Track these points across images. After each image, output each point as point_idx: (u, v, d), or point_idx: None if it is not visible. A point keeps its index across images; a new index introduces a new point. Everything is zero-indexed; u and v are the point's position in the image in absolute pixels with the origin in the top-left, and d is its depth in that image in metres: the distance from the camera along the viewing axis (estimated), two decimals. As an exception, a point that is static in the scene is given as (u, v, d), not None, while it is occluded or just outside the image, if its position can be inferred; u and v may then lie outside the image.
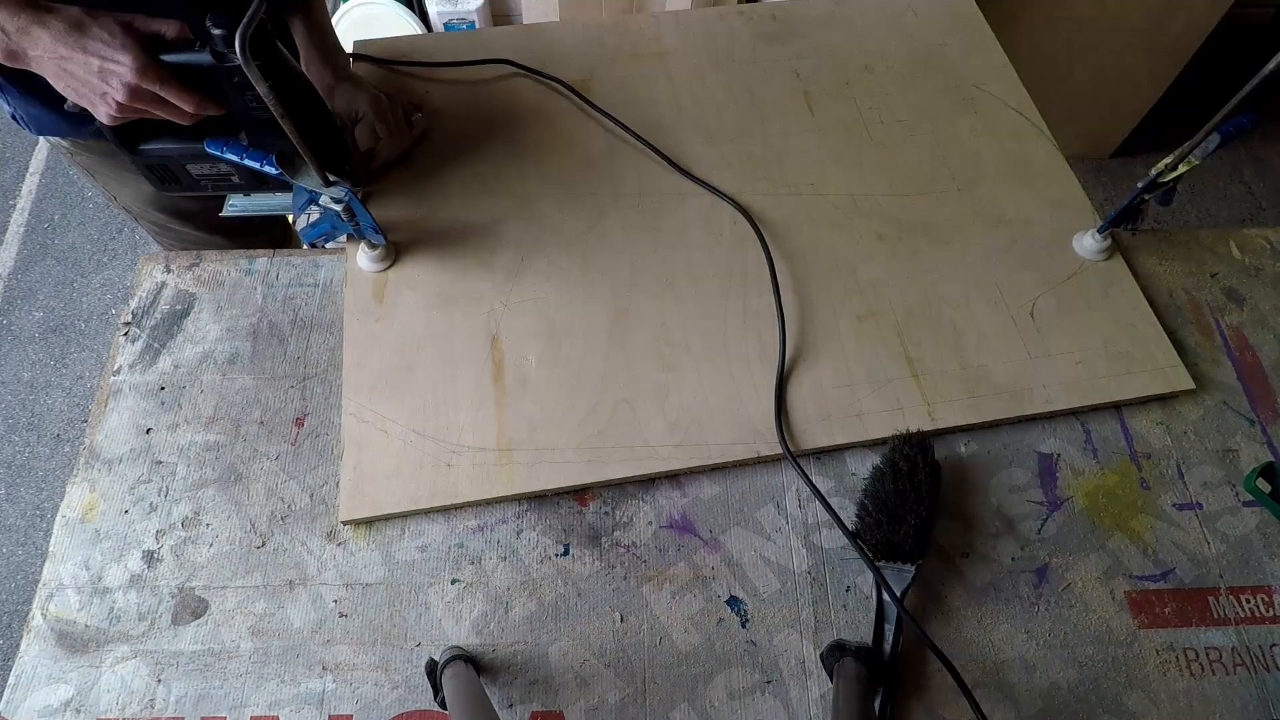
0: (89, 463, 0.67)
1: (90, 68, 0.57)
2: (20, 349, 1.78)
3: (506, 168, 0.83)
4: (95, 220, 1.98)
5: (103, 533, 0.65)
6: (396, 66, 0.91)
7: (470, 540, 0.65)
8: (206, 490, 0.66)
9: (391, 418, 0.68)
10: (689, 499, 0.67)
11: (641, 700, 0.60)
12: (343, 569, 0.64)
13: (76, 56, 0.57)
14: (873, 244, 0.79)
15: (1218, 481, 0.69)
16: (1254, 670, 0.62)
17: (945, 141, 0.87)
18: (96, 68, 0.57)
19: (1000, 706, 0.60)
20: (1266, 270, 0.82)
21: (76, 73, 0.57)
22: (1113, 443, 0.71)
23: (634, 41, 0.94)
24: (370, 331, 0.72)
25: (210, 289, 0.77)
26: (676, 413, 0.69)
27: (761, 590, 0.64)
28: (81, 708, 0.58)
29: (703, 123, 0.87)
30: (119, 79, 0.57)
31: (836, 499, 0.67)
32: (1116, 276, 0.78)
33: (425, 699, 0.59)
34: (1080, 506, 0.68)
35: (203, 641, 0.61)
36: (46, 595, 0.62)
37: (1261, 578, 0.65)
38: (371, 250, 0.74)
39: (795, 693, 0.60)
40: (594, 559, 0.64)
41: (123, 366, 0.72)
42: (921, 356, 0.72)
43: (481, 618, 0.62)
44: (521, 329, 0.73)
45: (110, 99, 0.58)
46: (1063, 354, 0.73)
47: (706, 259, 0.78)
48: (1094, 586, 0.64)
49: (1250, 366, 0.75)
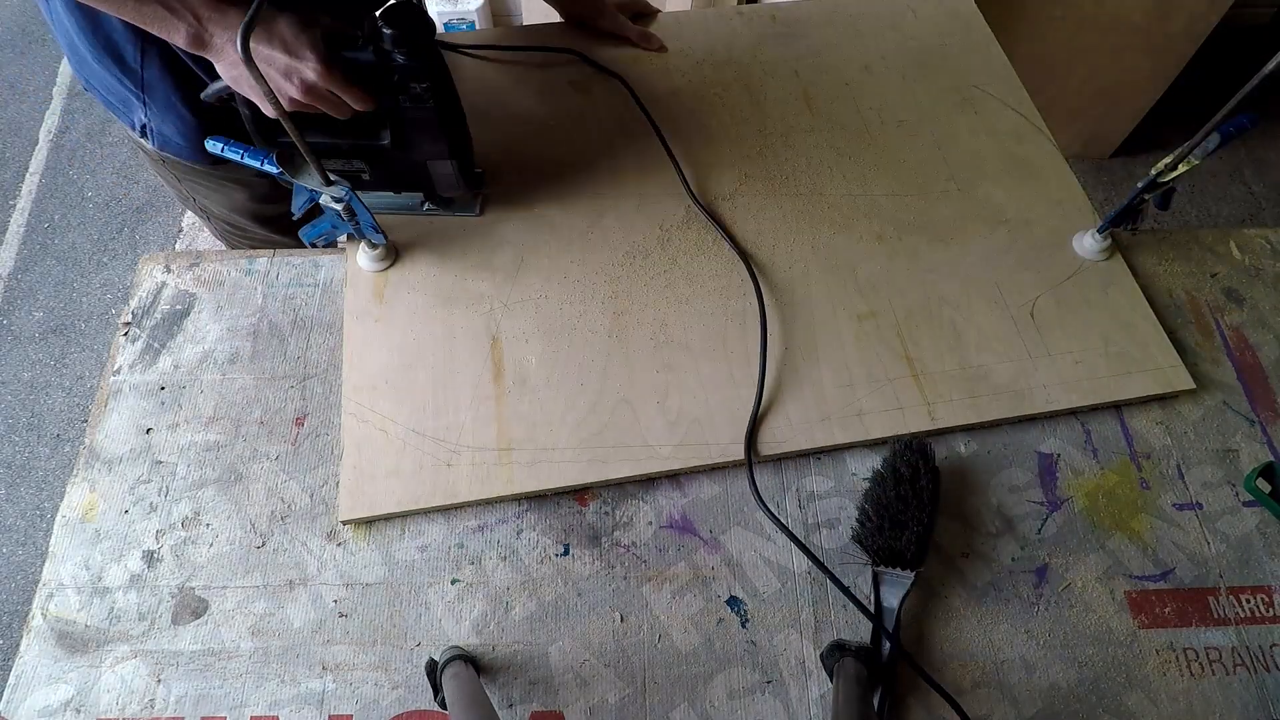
0: (89, 463, 0.67)
1: (275, 62, 0.58)
2: (20, 349, 1.78)
3: (507, 167, 0.83)
4: (95, 220, 1.98)
5: (103, 533, 0.65)
6: (463, 50, 0.92)
7: (470, 540, 0.65)
8: (206, 490, 0.66)
9: (391, 418, 0.68)
10: (689, 499, 0.67)
11: (641, 700, 0.60)
12: (343, 569, 0.64)
13: (261, 49, 0.58)
14: (873, 244, 0.79)
15: (1218, 481, 0.69)
16: (1254, 670, 0.62)
17: (945, 141, 0.87)
18: (283, 64, 0.58)
19: (1000, 706, 0.60)
20: (1266, 270, 0.82)
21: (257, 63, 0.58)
22: (1113, 443, 0.71)
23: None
24: (370, 331, 0.72)
25: (210, 289, 0.77)
26: (676, 413, 0.68)
27: (761, 590, 0.64)
28: (81, 708, 0.58)
29: (703, 123, 0.87)
30: (300, 76, 0.59)
31: (836, 499, 0.67)
32: (1116, 276, 0.78)
33: (425, 699, 0.59)
34: (1080, 506, 0.68)
35: (203, 641, 0.61)
36: (46, 595, 0.62)
37: (1261, 578, 0.65)
38: (371, 250, 0.74)
39: (795, 693, 0.60)
40: (594, 559, 0.64)
41: (123, 366, 0.72)
42: (921, 356, 0.72)
43: (481, 618, 0.62)
44: (521, 329, 0.73)
45: (286, 94, 0.60)
46: (1063, 354, 0.73)
47: (706, 259, 0.78)
48: (1094, 586, 0.64)
49: (1250, 366, 0.75)
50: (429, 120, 0.66)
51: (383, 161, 0.71)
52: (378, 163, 0.71)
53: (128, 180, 2.05)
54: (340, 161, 0.70)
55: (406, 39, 0.60)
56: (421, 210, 0.80)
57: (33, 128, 2.13)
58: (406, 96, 0.64)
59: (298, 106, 0.61)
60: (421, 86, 0.63)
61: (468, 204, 0.80)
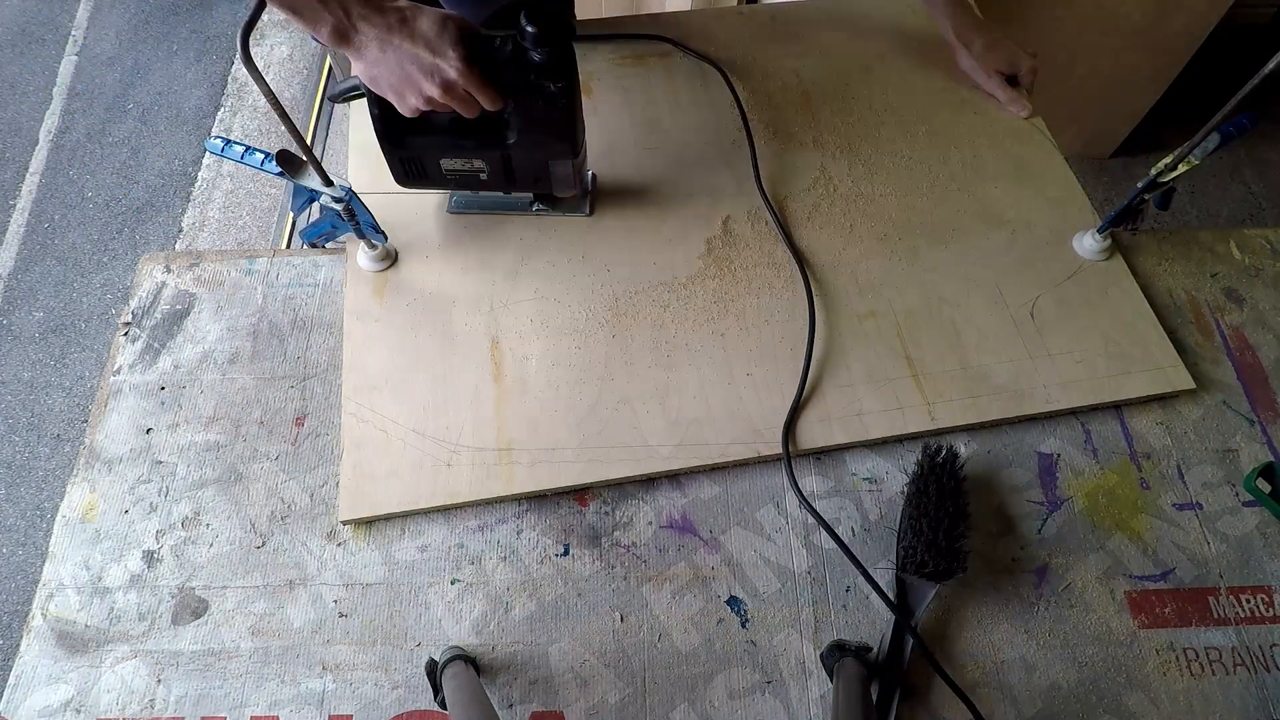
0: (89, 463, 0.67)
1: (418, 59, 0.58)
2: (20, 349, 1.78)
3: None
4: (95, 220, 1.98)
5: (103, 533, 0.65)
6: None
7: (470, 540, 0.65)
8: (206, 490, 0.66)
9: (391, 418, 0.68)
10: (689, 499, 0.67)
11: (641, 700, 0.60)
12: (343, 569, 0.64)
13: (405, 46, 0.58)
14: (873, 244, 0.79)
15: (1218, 481, 0.69)
16: (1254, 670, 0.62)
17: (945, 141, 0.87)
18: (426, 61, 0.58)
19: (1000, 706, 0.60)
20: (1266, 270, 0.82)
21: (399, 61, 0.59)
22: (1113, 443, 0.71)
23: (634, 42, 0.94)
24: (370, 331, 0.72)
25: (210, 289, 0.77)
26: (676, 413, 0.68)
27: (761, 590, 0.64)
28: (81, 708, 0.58)
29: (703, 123, 0.87)
30: (442, 74, 0.59)
31: (836, 499, 0.67)
32: (1116, 276, 0.78)
33: (425, 699, 0.59)
34: (1080, 506, 0.68)
35: (203, 641, 0.61)
36: (46, 595, 0.62)
37: (1261, 578, 0.65)
38: (371, 250, 0.74)
39: (795, 693, 0.60)
40: (594, 559, 0.64)
41: (123, 366, 0.72)
42: (921, 356, 0.72)
43: (481, 618, 0.62)
44: (521, 329, 0.73)
45: (423, 91, 0.60)
46: (1063, 354, 0.73)
47: (706, 259, 0.78)
48: (1094, 586, 0.64)
49: (1250, 366, 0.75)
50: (559, 120, 0.66)
51: (504, 161, 0.70)
52: (498, 162, 0.70)
53: (128, 180, 2.05)
54: (461, 161, 0.70)
55: (548, 37, 0.59)
56: (531, 210, 0.79)
57: (33, 128, 2.13)
58: (540, 95, 0.63)
59: (434, 106, 0.61)
60: (556, 86, 0.62)
61: (577, 204, 0.80)
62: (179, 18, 2.37)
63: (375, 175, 0.82)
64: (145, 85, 2.23)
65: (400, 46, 0.58)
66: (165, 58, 2.29)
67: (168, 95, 2.21)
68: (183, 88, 2.23)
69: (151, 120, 2.16)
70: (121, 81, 2.23)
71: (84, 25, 2.35)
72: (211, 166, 2.07)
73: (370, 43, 0.59)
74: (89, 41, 2.31)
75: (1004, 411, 0.70)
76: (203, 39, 2.32)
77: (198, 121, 2.16)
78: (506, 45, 0.61)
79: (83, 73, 2.25)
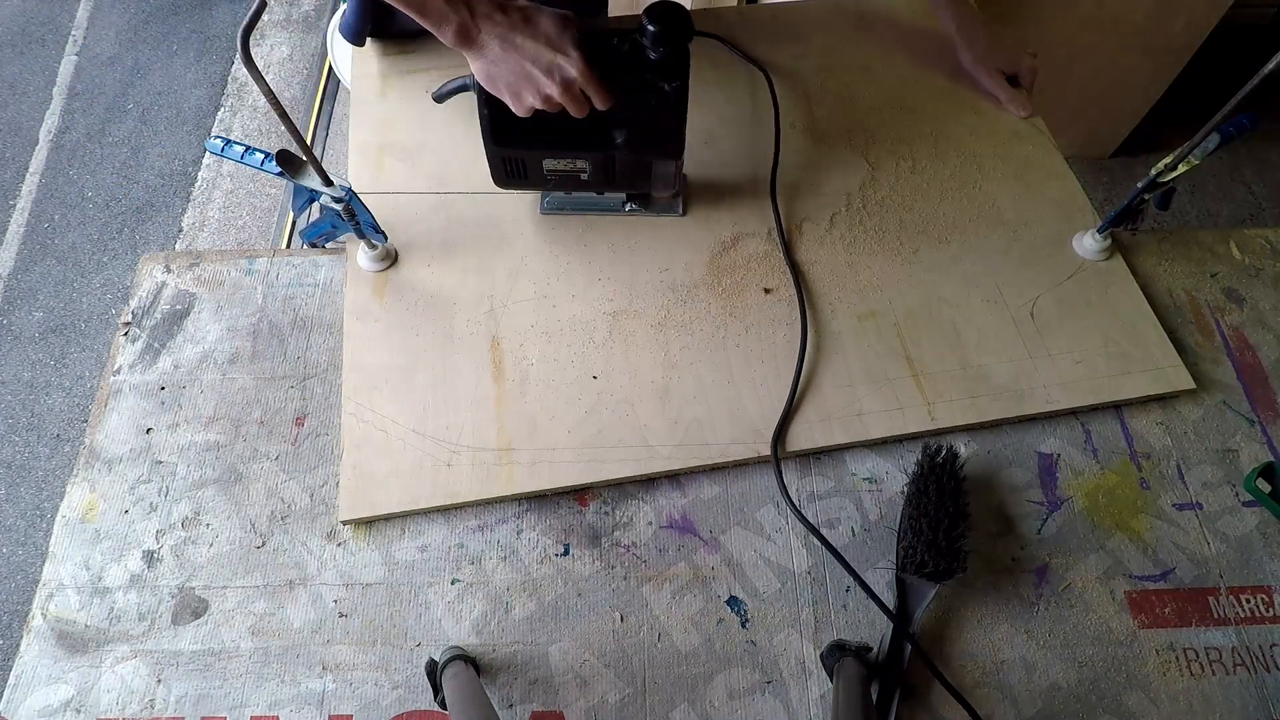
0: (89, 463, 0.67)
1: (539, 58, 0.59)
2: (20, 349, 1.78)
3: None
4: (95, 220, 1.98)
5: (103, 533, 0.65)
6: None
7: (470, 540, 0.65)
8: (206, 490, 0.66)
9: (391, 418, 0.68)
10: (689, 499, 0.67)
11: (641, 700, 0.60)
12: (343, 569, 0.64)
13: (528, 45, 0.59)
14: (873, 244, 0.79)
15: (1218, 481, 0.69)
16: (1254, 670, 0.62)
17: (945, 141, 0.87)
18: (546, 60, 0.59)
19: (1000, 706, 0.60)
20: (1266, 270, 0.82)
21: (520, 60, 0.59)
22: (1113, 443, 0.71)
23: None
24: (370, 331, 0.72)
25: (210, 289, 0.77)
26: (676, 413, 0.68)
27: (761, 590, 0.64)
28: (81, 708, 0.58)
29: (702, 123, 0.87)
30: (562, 73, 0.59)
31: (836, 499, 0.67)
32: (1116, 276, 0.78)
33: (425, 699, 0.59)
34: (1080, 506, 0.68)
35: (203, 641, 0.61)
36: (46, 595, 0.62)
37: (1261, 578, 0.65)
38: (371, 250, 0.74)
39: (795, 693, 0.60)
40: (594, 559, 0.64)
41: (123, 366, 0.72)
42: (921, 356, 0.72)
43: (481, 618, 0.62)
44: (521, 329, 0.73)
45: (541, 90, 0.60)
46: (1063, 354, 0.73)
47: (706, 258, 0.78)
48: (1094, 586, 0.64)
49: (1250, 366, 0.75)
50: (670, 120, 0.66)
51: (608, 161, 0.70)
52: (602, 162, 0.70)
53: (128, 180, 2.05)
54: (564, 161, 0.70)
55: (669, 37, 0.59)
56: (624, 210, 0.80)
57: (33, 128, 2.13)
58: (653, 95, 0.63)
59: (549, 105, 0.62)
60: (671, 85, 0.62)
61: (671, 204, 0.80)
62: (179, 18, 2.37)
63: (375, 175, 0.82)
64: (145, 85, 2.23)
65: (522, 46, 0.59)
66: (165, 58, 2.29)
67: (168, 95, 2.21)
68: (183, 88, 2.23)
69: (151, 120, 2.16)
70: (121, 81, 2.23)
71: (84, 25, 2.35)
72: (211, 166, 2.07)
73: (492, 41, 0.59)
74: (89, 41, 2.31)
75: (1004, 411, 0.70)
76: (203, 39, 2.32)
77: (198, 121, 2.16)
78: (624, 45, 0.61)
79: (83, 73, 2.25)
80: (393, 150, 0.84)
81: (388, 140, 0.85)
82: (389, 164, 0.83)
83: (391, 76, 0.90)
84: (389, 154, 0.84)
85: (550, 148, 0.69)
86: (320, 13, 2.38)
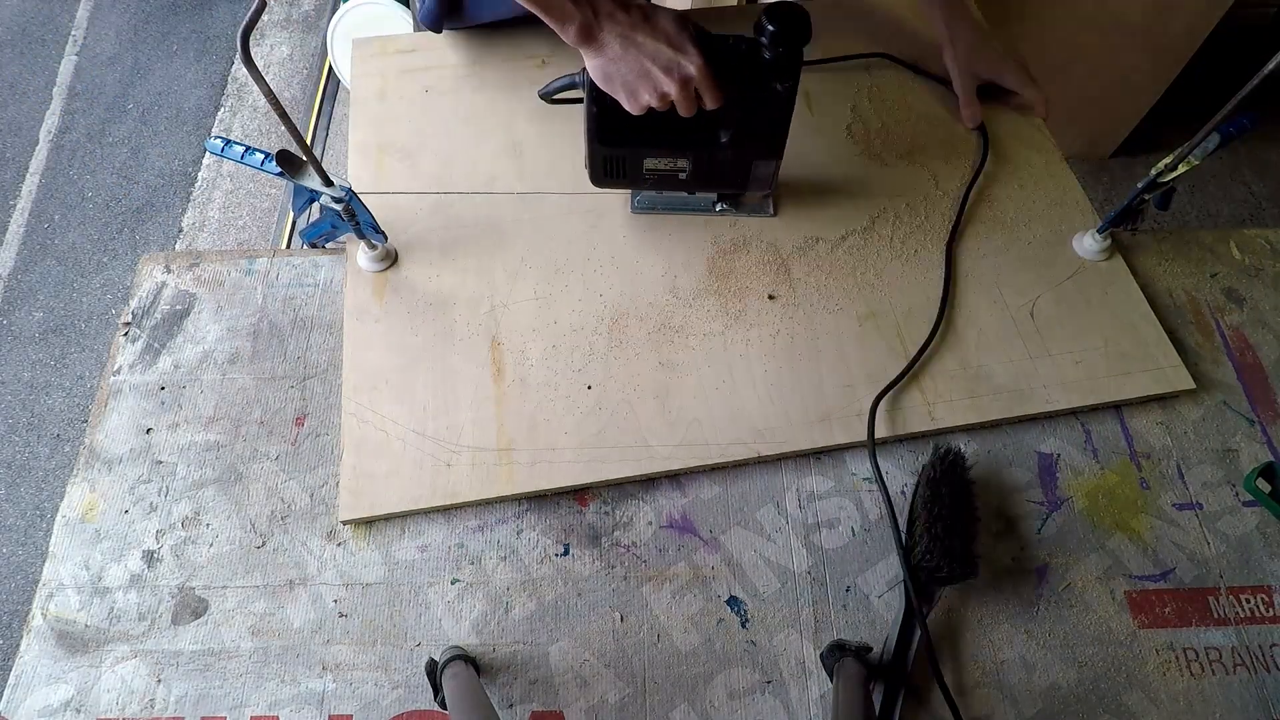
0: (89, 463, 0.67)
1: (659, 56, 0.59)
2: (20, 349, 1.78)
3: (506, 167, 0.83)
4: (95, 220, 1.98)
5: (103, 533, 0.65)
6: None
7: (470, 540, 0.65)
8: (206, 490, 0.66)
9: (391, 418, 0.68)
10: (689, 499, 0.67)
11: (641, 700, 0.60)
12: (343, 569, 0.64)
13: (649, 43, 0.59)
14: (873, 243, 0.79)
15: (1218, 481, 0.69)
16: (1254, 670, 0.62)
17: (945, 141, 0.87)
18: (666, 58, 0.59)
19: (1000, 706, 0.60)
20: (1266, 270, 0.82)
21: (640, 58, 0.59)
22: (1113, 443, 0.71)
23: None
24: (370, 331, 0.72)
25: (210, 289, 0.77)
26: (676, 413, 0.69)
27: (761, 590, 0.64)
28: (81, 708, 0.58)
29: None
30: (680, 71, 0.60)
31: (836, 499, 0.67)
32: (1116, 276, 0.78)
33: (425, 699, 0.59)
34: (1080, 506, 0.68)
35: (203, 641, 0.61)
36: (46, 595, 0.62)
37: (1261, 578, 0.65)
38: (371, 250, 0.74)
39: (795, 693, 0.60)
40: (594, 559, 0.64)
41: (123, 366, 0.72)
42: (922, 356, 0.72)
43: (481, 618, 0.62)
44: (521, 329, 0.73)
45: (659, 88, 0.60)
46: (1063, 354, 0.73)
47: (706, 258, 0.78)
48: (1094, 586, 0.64)
49: (1250, 366, 0.75)
50: (778, 119, 0.66)
51: (709, 160, 0.70)
52: (704, 161, 0.70)
53: (128, 180, 2.05)
54: (666, 160, 0.70)
55: (787, 38, 0.60)
56: (714, 210, 0.80)
57: (33, 128, 2.14)
58: (765, 94, 0.63)
59: (664, 103, 0.62)
60: (784, 85, 0.62)
61: (762, 204, 0.80)
62: (179, 18, 2.37)
63: (375, 175, 0.82)
64: (145, 85, 2.23)
65: (643, 44, 0.59)
66: (165, 58, 2.29)
67: (168, 95, 2.21)
68: (183, 88, 2.23)
69: (151, 120, 2.16)
70: (121, 81, 2.23)
71: (84, 25, 2.35)
72: (211, 166, 2.07)
73: (614, 40, 0.59)
74: (89, 41, 2.31)
75: (1004, 411, 0.70)
76: (203, 39, 2.32)
77: (198, 121, 2.16)
78: (740, 44, 0.61)
79: (83, 73, 2.25)
80: (393, 150, 0.84)
81: (388, 140, 0.85)
82: (389, 164, 0.83)
83: (391, 76, 0.90)
84: (389, 154, 0.84)
85: (654, 146, 0.69)
86: (320, 13, 2.38)
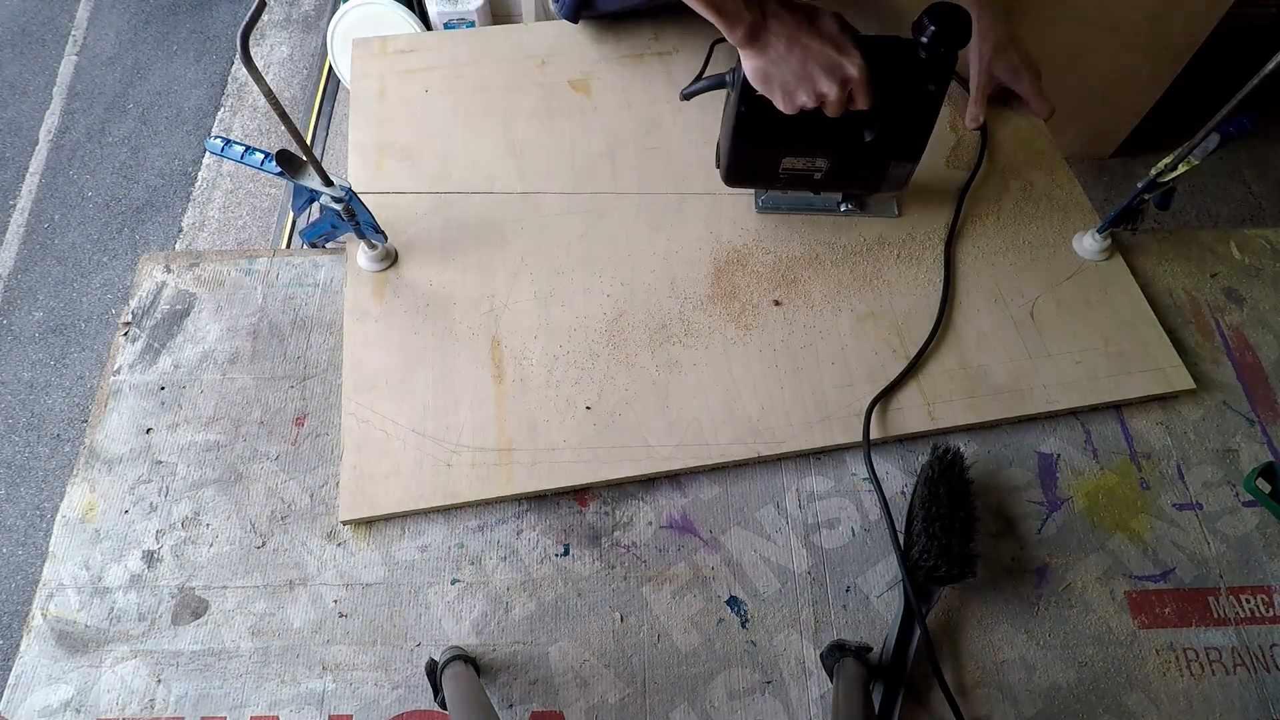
0: (89, 463, 0.67)
1: (823, 57, 0.60)
2: (20, 349, 1.78)
3: (506, 167, 0.83)
4: (95, 220, 1.98)
5: (103, 533, 0.65)
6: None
7: (470, 540, 0.65)
8: (206, 490, 0.66)
9: (391, 418, 0.68)
10: (689, 499, 0.67)
11: (641, 700, 0.60)
12: (343, 569, 0.64)
13: (814, 44, 0.59)
14: (873, 243, 0.79)
15: (1218, 481, 0.69)
16: (1254, 670, 0.62)
17: (945, 141, 0.87)
18: (831, 60, 0.60)
19: (1000, 706, 0.60)
20: (1266, 270, 0.82)
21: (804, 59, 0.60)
22: (1113, 443, 0.71)
23: (633, 41, 0.94)
24: (370, 331, 0.72)
25: (210, 289, 0.77)
26: (676, 413, 0.68)
27: (761, 590, 0.64)
28: (81, 708, 0.58)
29: (703, 123, 0.87)
30: (841, 72, 0.60)
31: (836, 499, 0.67)
32: (1116, 276, 0.78)
33: (425, 699, 0.59)
34: (1080, 506, 0.68)
35: (203, 641, 0.61)
36: (46, 595, 0.62)
37: (1261, 578, 0.65)
38: (371, 250, 0.74)
39: (795, 693, 0.60)
40: (594, 559, 0.64)
41: (123, 366, 0.72)
42: (921, 356, 0.72)
43: (481, 618, 0.62)
44: (521, 329, 0.73)
45: (818, 89, 0.61)
46: (1063, 354, 0.73)
47: (706, 259, 0.78)
48: (1094, 587, 0.64)
49: (1250, 366, 0.75)
50: (925, 120, 0.66)
51: (848, 160, 0.70)
52: (842, 161, 0.70)
53: (128, 180, 2.05)
54: (803, 160, 0.70)
55: (947, 38, 0.60)
56: (839, 211, 0.80)
57: (33, 128, 2.14)
58: (916, 95, 0.63)
59: (820, 103, 0.62)
60: (935, 87, 0.62)
61: (886, 205, 0.80)
62: (179, 18, 2.37)
63: (375, 175, 0.82)
64: (145, 85, 2.23)
65: (808, 45, 0.60)
66: (165, 58, 2.29)
67: (168, 95, 2.21)
68: (183, 88, 2.23)
69: (151, 120, 2.16)
70: (121, 81, 2.23)
71: (84, 25, 2.35)
72: (211, 166, 2.07)
73: (778, 40, 0.60)
74: (89, 41, 2.31)
75: (1004, 411, 0.70)
76: (203, 39, 2.32)
77: (198, 121, 2.16)
78: (897, 45, 0.62)
79: (83, 73, 2.25)
80: (392, 150, 0.84)
81: (387, 140, 0.85)
82: (389, 164, 0.83)
83: (391, 76, 0.90)
84: (389, 154, 0.84)
85: (796, 145, 0.69)
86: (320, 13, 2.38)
